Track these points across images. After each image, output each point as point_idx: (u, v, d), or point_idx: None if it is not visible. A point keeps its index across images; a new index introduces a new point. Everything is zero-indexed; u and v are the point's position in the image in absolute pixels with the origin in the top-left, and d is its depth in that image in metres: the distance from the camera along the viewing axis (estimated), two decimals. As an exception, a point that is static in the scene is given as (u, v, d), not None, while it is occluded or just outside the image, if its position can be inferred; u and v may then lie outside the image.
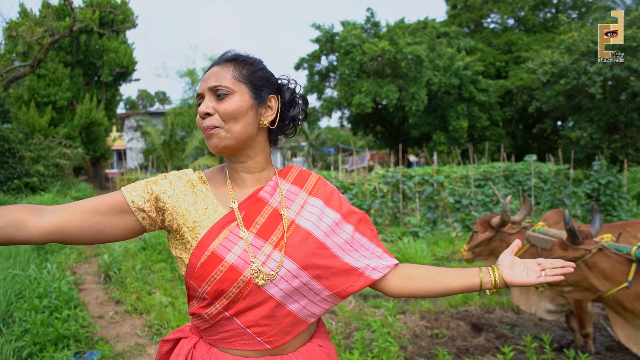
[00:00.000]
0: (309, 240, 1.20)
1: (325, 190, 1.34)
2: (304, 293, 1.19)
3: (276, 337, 1.18)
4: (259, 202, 1.22)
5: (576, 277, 2.94)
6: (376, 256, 1.31)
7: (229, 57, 1.25)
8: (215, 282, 1.12)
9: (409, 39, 20.79)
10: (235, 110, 1.18)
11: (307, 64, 24.28)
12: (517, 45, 24.56)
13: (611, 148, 17.90)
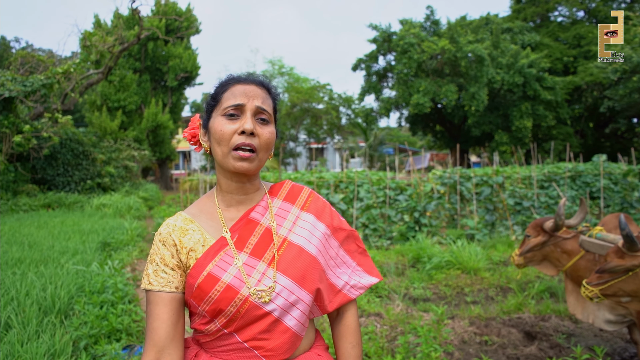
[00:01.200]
0: (302, 255, 1.23)
1: (317, 205, 1.35)
2: (299, 307, 1.20)
3: (277, 351, 1.18)
4: (250, 223, 1.25)
5: (635, 286, 2.76)
6: (356, 275, 1.35)
7: (266, 84, 1.29)
8: (214, 301, 1.15)
9: (470, 37, 20.27)
10: (272, 140, 1.24)
11: (365, 64, 24.28)
12: (587, 39, 23.31)
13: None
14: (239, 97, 1.21)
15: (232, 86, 1.24)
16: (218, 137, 1.20)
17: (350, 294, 1.31)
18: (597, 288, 2.76)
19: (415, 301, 5.22)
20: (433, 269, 6.31)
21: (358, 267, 1.36)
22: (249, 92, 1.22)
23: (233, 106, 1.20)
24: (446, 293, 5.52)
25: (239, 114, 1.20)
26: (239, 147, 1.18)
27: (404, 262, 6.82)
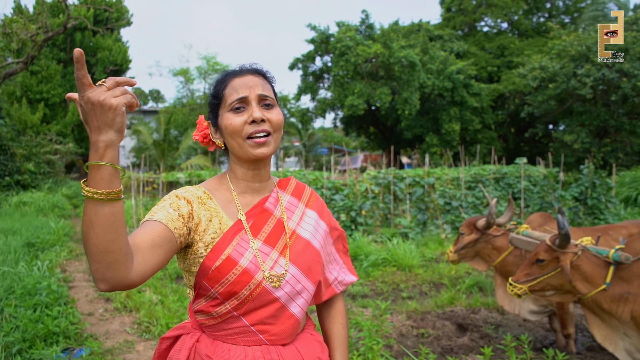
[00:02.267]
0: (309, 249, 1.31)
1: (318, 203, 1.44)
2: (303, 296, 1.28)
3: (280, 335, 1.25)
4: (265, 213, 1.30)
5: (560, 280, 2.99)
6: (342, 272, 1.47)
7: (261, 71, 1.34)
8: (229, 284, 1.18)
9: (402, 42, 20.93)
10: (281, 121, 1.29)
11: (302, 64, 24.40)
12: (510, 50, 24.78)
13: (602, 152, 18.09)
14: (241, 90, 1.25)
15: (230, 81, 1.28)
16: (230, 131, 1.24)
17: (337, 289, 1.45)
18: (526, 285, 2.97)
19: (354, 298, 5.37)
20: (370, 267, 6.50)
21: (343, 265, 1.49)
22: (248, 83, 1.26)
23: (237, 100, 1.24)
24: (383, 289, 5.70)
25: (245, 106, 1.25)
26: (252, 135, 1.23)
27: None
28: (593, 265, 2.94)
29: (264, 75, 1.34)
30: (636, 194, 12.02)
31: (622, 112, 18.22)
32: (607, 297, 2.92)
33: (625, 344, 3.00)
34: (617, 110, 18.11)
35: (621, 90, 16.53)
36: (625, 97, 17.19)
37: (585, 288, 2.93)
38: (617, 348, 3.03)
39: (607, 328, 3.05)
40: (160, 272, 5.80)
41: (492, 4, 25.83)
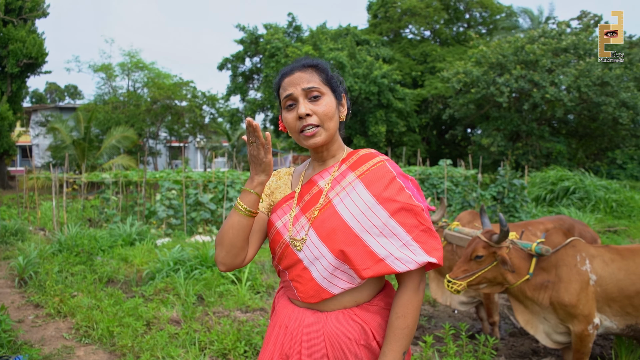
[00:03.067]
0: (334, 218, 1.36)
1: (374, 174, 1.40)
2: (323, 264, 1.35)
3: (305, 294, 1.40)
4: (310, 183, 1.48)
5: (495, 273, 3.27)
6: (408, 249, 1.33)
7: (310, 63, 1.44)
8: (271, 241, 1.47)
9: (331, 45, 21.29)
10: (330, 110, 1.40)
11: (231, 64, 24.08)
12: (432, 56, 25.95)
13: (515, 154, 19.45)
14: (288, 89, 1.40)
15: (282, 81, 1.44)
16: (289, 128, 1.44)
17: (395, 266, 1.32)
18: (465, 281, 3.22)
19: (293, 296, 5.47)
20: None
21: (413, 241, 1.34)
22: (294, 81, 1.40)
23: (286, 98, 1.41)
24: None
25: (294, 102, 1.40)
26: (302, 129, 1.39)
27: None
28: (520, 258, 3.25)
29: (313, 67, 1.43)
30: (545, 193, 13.08)
31: (532, 119, 19.71)
32: (530, 286, 3.24)
33: (544, 327, 3.34)
34: (528, 116, 19.57)
35: (532, 99, 17.89)
36: (535, 105, 18.62)
37: (514, 278, 3.23)
38: (538, 331, 3.37)
39: (530, 313, 3.37)
40: (91, 275, 5.59)
41: (415, 13, 26.90)
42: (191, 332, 3.90)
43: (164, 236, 9.34)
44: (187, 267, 5.82)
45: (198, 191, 10.62)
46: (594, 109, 18.27)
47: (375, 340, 1.39)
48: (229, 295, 5.05)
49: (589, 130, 20.60)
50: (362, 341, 1.37)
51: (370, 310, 1.41)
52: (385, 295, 1.47)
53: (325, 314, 1.40)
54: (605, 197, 12.25)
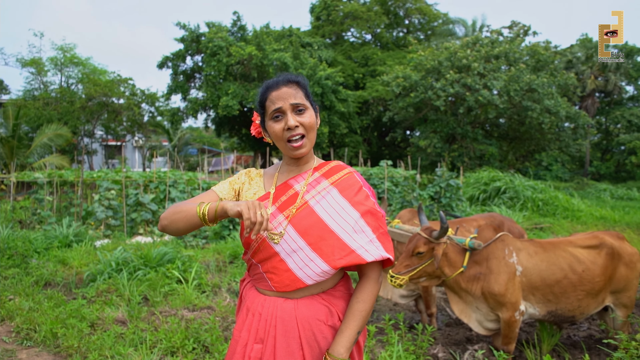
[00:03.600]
0: (312, 216, 1.57)
1: (347, 182, 1.64)
2: (300, 256, 1.54)
3: (280, 284, 1.56)
4: (286, 187, 1.64)
5: (434, 267, 3.50)
6: (373, 245, 1.56)
7: (293, 79, 1.62)
8: (245, 237, 1.60)
9: (275, 46, 21.34)
10: (312, 122, 1.59)
11: (172, 63, 23.54)
12: (373, 60, 26.60)
13: (451, 156, 20.31)
14: (277, 102, 1.57)
15: (269, 94, 1.60)
16: (274, 136, 1.60)
17: (365, 256, 1.52)
18: (407, 275, 3.42)
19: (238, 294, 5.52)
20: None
21: (376, 240, 1.57)
22: (282, 95, 1.57)
23: (274, 111, 1.57)
24: (266, 285, 5.95)
25: (281, 114, 1.58)
26: (289, 139, 1.57)
27: (222, 259, 7.05)
28: (455, 252, 3.51)
29: (297, 83, 1.62)
30: (479, 193, 13.79)
31: (467, 122, 20.67)
32: (464, 278, 3.51)
33: (477, 316, 3.62)
34: (463, 119, 20.50)
35: (466, 102, 18.77)
36: (469, 109, 19.54)
37: (450, 271, 3.48)
38: (471, 319, 3.64)
39: (464, 303, 3.64)
40: (30, 278, 5.40)
41: (357, 17, 27.46)
42: (138, 332, 3.89)
43: (102, 237, 9.08)
44: (130, 268, 5.74)
45: (139, 191, 10.39)
46: (522, 113, 19.41)
47: (340, 320, 1.60)
48: (175, 295, 5.05)
49: (518, 133, 21.85)
50: (329, 322, 1.58)
51: (335, 295, 1.63)
52: (346, 282, 1.69)
53: (296, 300, 1.58)
54: (532, 197, 13.09)
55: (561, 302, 3.50)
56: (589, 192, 20.19)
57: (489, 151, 20.55)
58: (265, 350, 1.55)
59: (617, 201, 17.27)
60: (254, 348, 1.57)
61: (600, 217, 12.12)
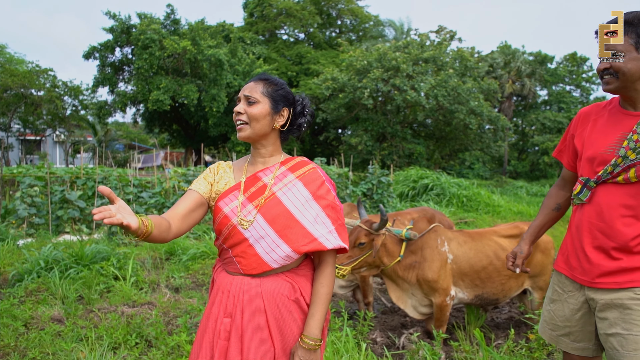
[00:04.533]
0: (279, 206, 1.73)
1: (310, 177, 1.79)
2: (268, 242, 1.70)
3: (247, 267, 1.72)
4: (255, 178, 1.79)
5: (375, 258, 3.71)
6: (332, 235, 1.73)
7: (262, 77, 1.80)
8: (217, 224, 1.74)
9: (210, 42, 21.01)
10: (258, 114, 1.74)
11: (100, 54, 22.46)
12: (307, 58, 26.86)
13: (381, 154, 20.98)
14: (241, 92, 1.79)
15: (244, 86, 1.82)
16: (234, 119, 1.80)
17: (325, 244, 1.70)
18: (350, 266, 3.61)
19: (178, 290, 5.50)
20: (190, 260, 6.65)
21: (334, 231, 1.74)
22: (246, 88, 1.78)
23: (237, 99, 1.80)
24: (204, 280, 5.94)
25: (238, 102, 1.79)
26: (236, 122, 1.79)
27: (158, 256, 6.96)
28: (393, 243, 3.74)
29: (264, 80, 1.80)
30: (408, 190, 14.41)
31: (396, 121, 21.43)
32: (401, 266, 3.75)
33: (412, 301, 3.89)
34: (392, 119, 21.23)
35: (395, 102, 19.47)
36: (398, 108, 20.29)
37: (388, 261, 3.71)
38: (407, 305, 3.90)
39: (400, 290, 3.89)
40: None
41: (291, 14, 27.60)
42: (77, 329, 3.81)
43: (25, 236, 8.62)
44: (61, 266, 5.55)
45: (65, 188, 9.94)
46: (448, 115, 20.43)
47: (302, 296, 1.76)
48: (112, 292, 4.96)
49: (444, 133, 22.96)
50: (292, 297, 1.74)
51: (299, 274, 1.79)
52: (309, 263, 1.86)
53: (261, 278, 1.73)
54: (457, 193, 13.86)
55: (487, 287, 3.84)
56: (507, 189, 21.61)
57: (417, 150, 21.44)
58: (234, 323, 1.69)
59: (532, 197, 18.65)
60: (224, 322, 1.70)
61: (517, 211, 13.08)
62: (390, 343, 3.97)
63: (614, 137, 1.84)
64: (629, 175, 1.78)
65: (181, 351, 3.46)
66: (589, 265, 1.89)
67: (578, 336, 2.01)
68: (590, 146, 1.91)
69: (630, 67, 1.74)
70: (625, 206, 1.80)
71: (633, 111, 1.84)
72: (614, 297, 1.84)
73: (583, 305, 1.97)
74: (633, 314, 1.79)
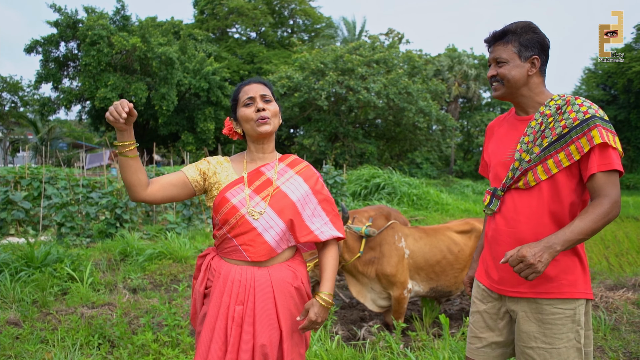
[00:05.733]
0: (285, 199, 1.91)
1: (307, 173, 2.00)
2: (277, 231, 1.88)
3: (256, 254, 1.87)
4: (259, 173, 1.95)
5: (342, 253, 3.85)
6: (327, 226, 1.96)
7: (262, 81, 1.98)
8: (224, 214, 1.87)
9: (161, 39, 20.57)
10: (277, 110, 1.94)
11: (43, 48, 21.46)
12: (259, 57, 26.81)
13: (334, 154, 21.25)
14: (249, 92, 1.92)
15: (242, 89, 1.96)
16: (245, 118, 1.91)
17: (321, 236, 1.92)
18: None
19: (135, 291, 5.45)
20: (146, 261, 6.59)
21: (330, 222, 1.97)
22: (254, 89, 1.93)
23: (247, 99, 1.91)
24: (162, 281, 5.91)
25: (252, 102, 1.91)
26: (258, 119, 1.89)
27: (112, 257, 6.84)
28: (353, 240, 3.91)
29: (264, 83, 1.99)
30: (360, 189, 14.70)
31: (349, 122, 21.78)
32: (361, 262, 3.93)
33: (371, 295, 4.07)
34: (345, 119, 21.55)
35: (348, 102, 19.80)
36: (351, 109, 20.62)
37: (349, 256, 3.87)
38: (366, 299, 4.08)
39: (360, 285, 4.07)
40: None
41: (242, 13, 27.44)
42: (36, 332, 3.75)
43: (-34, 239, 8.23)
44: (11, 269, 5.38)
45: (8, 188, 9.53)
46: (398, 115, 20.96)
47: (302, 283, 1.96)
48: (69, 294, 4.87)
49: (394, 133, 23.52)
50: (295, 283, 1.93)
51: (297, 262, 1.99)
52: (299, 252, 2.06)
53: (267, 267, 1.90)
54: (408, 192, 14.28)
55: (441, 280, 4.07)
56: (455, 187, 22.40)
57: (368, 150, 21.87)
58: (246, 310, 1.85)
59: (478, 196, 19.44)
60: (236, 309, 1.85)
61: (465, 209, 13.64)
62: (351, 335, 4.14)
63: (512, 144, 1.90)
64: (527, 179, 1.81)
65: (146, 350, 3.48)
66: (505, 274, 1.89)
67: (502, 345, 1.99)
68: (494, 157, 1.98)
69: (514, 74, 1.83)
70: (534, 212, 1.81)
71: (525, 116, 1.92)
72: (533, 308, 1.84)
73: (505, 315, 1.96)
74: (554, 328, 1.80)
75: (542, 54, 1.85)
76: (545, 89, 1.91)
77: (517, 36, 1.84)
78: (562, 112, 1.79)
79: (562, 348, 1.79)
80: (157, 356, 3.37)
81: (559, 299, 1.80)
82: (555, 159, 1.76)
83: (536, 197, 1.81)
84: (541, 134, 1.80)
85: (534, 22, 1.88)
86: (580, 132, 1.72)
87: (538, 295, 1.82)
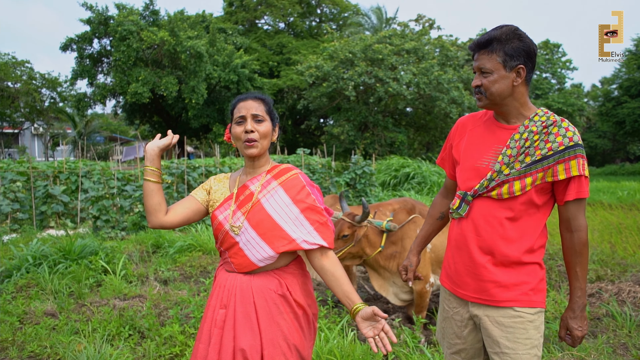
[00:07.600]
0: (262, 212, 1.92)
1: (291, 183, 1.95)
2: (253, 244, 1.91)
3: (240, 266, 1.95)
4: (244, 188, 1.99)
5: (357, 249, 3.90)
6: (310, 235, 1.88)
7: (259, 97, 1.98)
8: (214, 229, 1.99)
9: (190, 33, 20.84)
10: (267, 132, 1.94)
11: (77, 45, 22.09)
12: (288, 48, 26.82)
13: (363, 144, 21.18)
14: (241, 111, 1.94)
15: (237, 104, 1.98)
16: (234, 137, 1.96)
17: (302, 245, 1.86)
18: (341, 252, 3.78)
19: (166, 282, 5.63)
20: (177, 253, 6.77)
21: (314, 231, 1.88)
22: (247, 106, 1.94)
23: (238, 117, 1.93)
24: (192, 272, 6.07)
25: (243, 121, 1.93)
26: (246, 140, 1.92)
27: (145, 249, 7.06)
28: (375, 234, 3.93)
29: (262, 100, 1.99)
30: (390, 179, 14.63)
31: (378, 111, 21.62)
32: (382, 256, 3.95)
33: (393, 289, 4.09)
34: (374, 109, 21.41)
35: (377, 93, 19.65)
36: (380, 99, 20.46)
37: (370, 251, 3.90)
38: (389, 293, 4.11)
39: (382, 279, 4.09)
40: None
41: (271, 4, 27.48)
42: (71, 323, 3.93)
43: (9, 232, 8.64)
44: (50, 261, 5.63)
45: (48, 182, 9.93)
46: (429, 104, 20.68)
47: (289, 291, 1.94)
48: (103, 286, 5.07)
49: (424, 122, 23.23)
50: (279, 291, 1.93)
51: (287, 272, 1.98)
52: (298, 262, 2.05)
53: (252, 275, 1.96)
54: (438, 181, 14.13)
55: (463, 273, 4.05)
56: (487, 176, 21.94)
57: (398, 138, 21.68)
58: (228, 314, 1.92)
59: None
60: (219, 312, 1.93)
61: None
62: (373, 329, 4.17)
63: (489, 150, 1.86)
64: (502, 191, 1.79)
65: (174, 341, 3.61)
66: (469, 279, 1.89)
67: (469, 353, 1.99)
68: (466, 158, 1.93)
69: (497, 87, 1.77)
70: (502, 221, 1.81)
71: (506, 124, 1.86)
72: (495, 314, 1.84)
73: (469, 322, 1.95)
74: (516, 332, 1.81)
75: (528, 62, 1.79)
76: (529, 99, 1.87)
77: (502, 45, 1.76)
78: (548, 132, 1.78)
79: (524, 355, 1.80)
80: (183, 348, 3.49)
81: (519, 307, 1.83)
82: (534, 177, 1.77)
83: (507, 209, 1.81)
84: (525, 151, 1.79)
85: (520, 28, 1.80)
86: (561, 158, 1.74)
87: (499, 303, 1.83)
